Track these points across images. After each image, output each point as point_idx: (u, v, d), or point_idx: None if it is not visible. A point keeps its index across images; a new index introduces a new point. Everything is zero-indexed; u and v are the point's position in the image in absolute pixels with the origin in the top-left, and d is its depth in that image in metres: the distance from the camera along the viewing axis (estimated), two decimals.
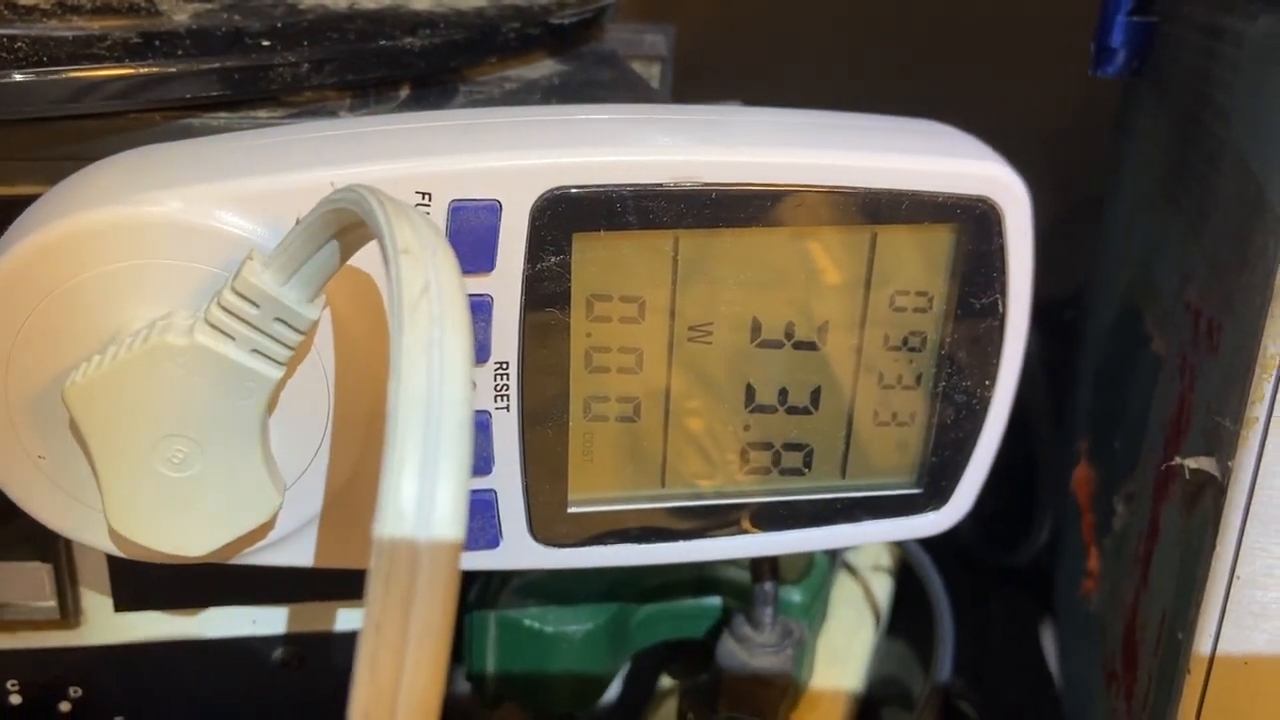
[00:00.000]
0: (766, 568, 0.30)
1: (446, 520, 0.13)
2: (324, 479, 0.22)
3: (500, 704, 0.34)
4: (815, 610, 0.34)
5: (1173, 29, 0.31)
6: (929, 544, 0.37)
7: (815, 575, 0.34)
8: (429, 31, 0.27)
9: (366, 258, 0.19)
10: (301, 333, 0.19)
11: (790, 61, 0.50)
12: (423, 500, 0.13)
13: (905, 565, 0.40)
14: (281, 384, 0.20)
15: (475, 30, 0.28)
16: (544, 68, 0.31)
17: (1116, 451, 0.33)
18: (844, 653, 0.36)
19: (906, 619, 0.39)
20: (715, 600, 0.34)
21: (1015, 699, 0.38)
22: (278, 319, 0.19)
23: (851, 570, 0.40)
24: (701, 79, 0.46)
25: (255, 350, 0.19)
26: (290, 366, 0.20)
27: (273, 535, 0.22)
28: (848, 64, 0.51)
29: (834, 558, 0.38)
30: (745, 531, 0.25)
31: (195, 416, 0.20)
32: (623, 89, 0.31)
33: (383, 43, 0.26)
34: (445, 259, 0.15)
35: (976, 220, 0.23)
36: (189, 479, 0.20)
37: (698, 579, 0.34)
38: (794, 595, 0.33)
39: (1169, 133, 0.31)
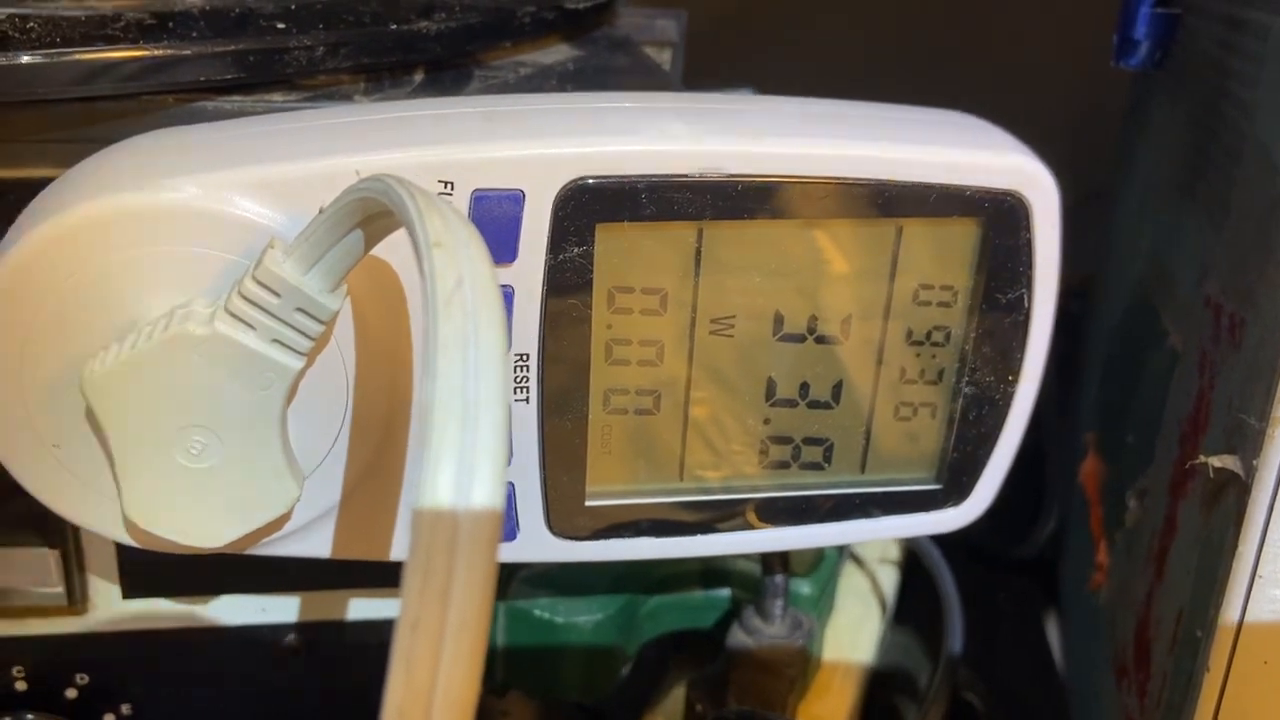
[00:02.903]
0: (777, 560, 0.30)
1: (485, 519, 0.13)
2: (342, 470, 0.22)
3: (508, 692, 0.34)
4: (824, 602, 0.34)
5: (1192, 21, 0.31)
6: (936, 536, 0.37)
7: (824, 567, 0.34)
8: (444, 15, 0.27)
9: (384, 247, 0.19)
10: (323, 323, 0.19)
11: (802, 49, 0.50)
12: (461, 499, 0.13)
13: (913, 557, 0.40)
14: (301, 374, 0.20)
15: (490, 14, 0.28)
16: (558, 53, 0.31)
17: (1129, 446, 0.33)
18: (852, 644, 0.36)
19: (914, 610, 0.39)
20: (724, 592, 0.34)
21: (1022, 690, 0.38)
22: (299, 309, 0.19)
23: (859, 562, 0.40)
24: (712, 65, 0.46)
25: (276, 340, 0.19)
26: (310, 357, 0.20)
27: (289, 526, 0.22)
28: (859, 53, 0.50)
29: (843, 550, 0.38)
30: (761, 526, 0.25)
31: (214, 407, 0.19)
32: (638, 75, 0.31)
33: (397, 26, 0.26)
34: (478, 252, 0.15)
35: (1004, 214, 0.22)
36: (207, 470, 0.20)
37: (707, 570, 0.34)
38: (804, 587, 0.33)
39: (1187, 125, 0.31)
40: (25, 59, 0.22)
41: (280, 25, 0.25)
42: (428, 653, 0.13)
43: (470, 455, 0.13)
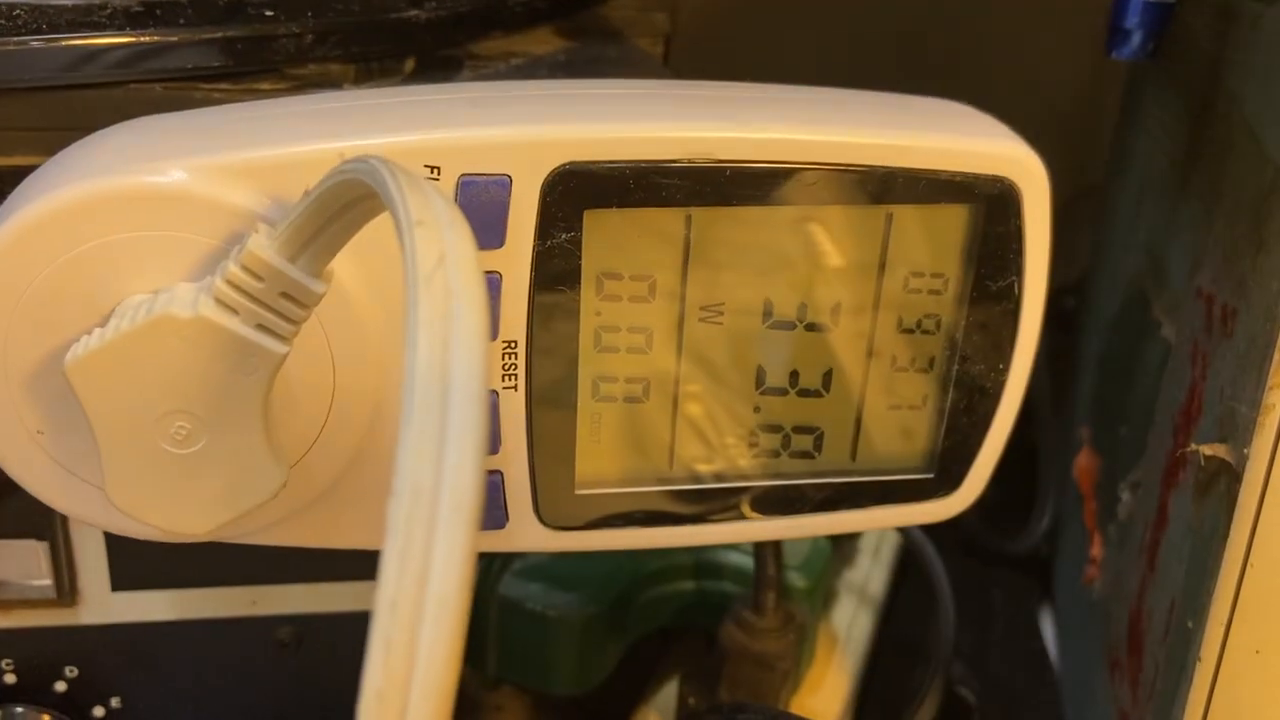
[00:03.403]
0: (770, 552, 0.30)
1: (463, 496, 0.13)
2: (329, 457, 0.22)
3: (500, 686, 0.34)
4: (817, 595, 0.34)
5: (1184, 11, 0.31)
6: (930, 529, 0.37)
7: (818, 560, 0.34)
8: (434, 4, 0.27)
9: (372, 232, 0.19)
10: (308, 308, 0.19)
11: (794, 42, 0.50)
12: (439, 476, 0.13)
13: (907, 551, 0.40)
14: (285, 359, 0.20)
15: (481, 3, 0.28)
16: (550, 43, 0.31)
17: (1122, 439, 0.33)
18: (845, 638, 0.36)
19: (907, 604, 0.39)
20: (717, 584, 0.34)
21: (1015, 685, 0.38)
22: (284, 293, 0.19)
23: (853, 555, 0.40)
24: (704, 57, 0.45)
25: (260, 325, 0.19)
26: (295, 342, 0.20)
27: (275, 514, 0.22)
28: (852, 45, 0.50)
29: (836, 543, 0.38)
30: (752, 516, 0.25)
31: (199, 392, 0.19)
32: (629, 65, 0.31)
33: (387, 15, 0.26)
34: (460, 230, 0.15)
35: (994, 200, 0.22)
36: (191, 456, 0.20)
37: (700, 563, 0.34)
38: (797, 580, 0.33)
39: (1180, 116, 0.31)
40: (13, 46, 0.22)
41: (269, 13, 0.25)
42: (406, 634, 0.13)
43: (449, 432, 0.13)
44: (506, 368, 0.22)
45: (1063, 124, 0.48)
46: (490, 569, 0.33)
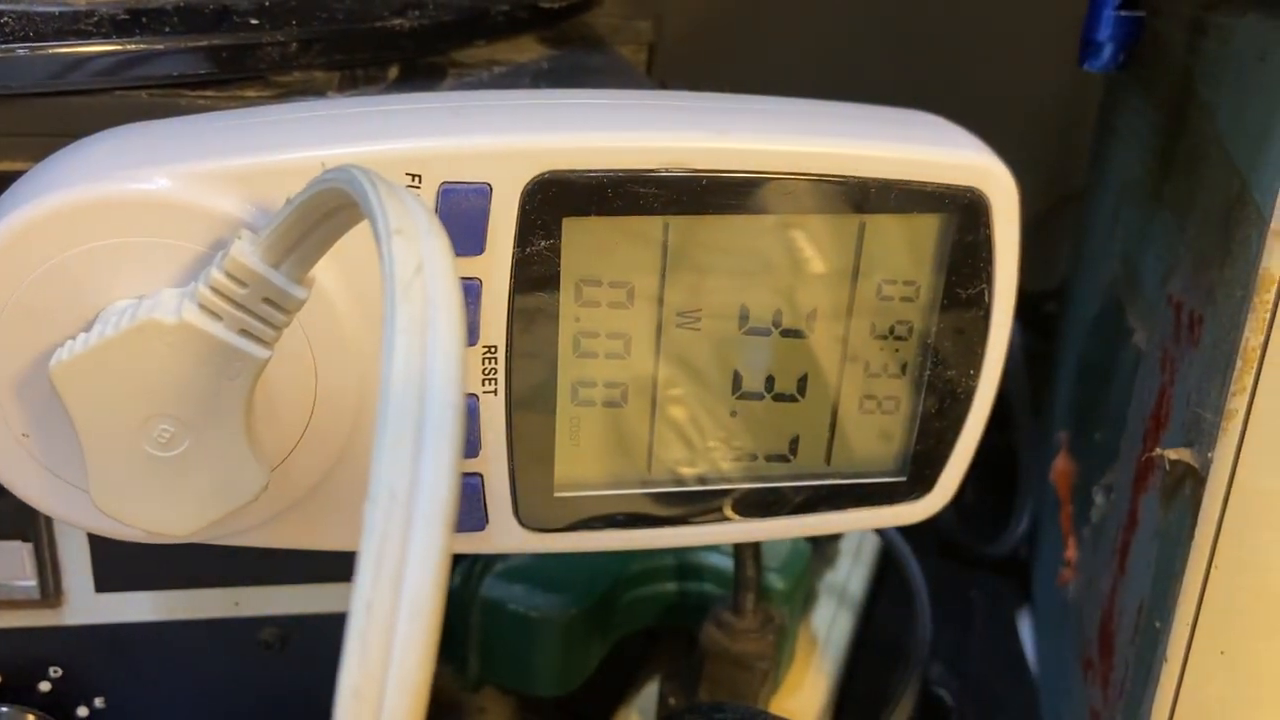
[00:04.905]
0: (749, 554, 0.30)
1: (438, 500, 0.13)
2: (311, 460, 0.22)
3: (482, 687, 0.34)
4: (796, 597, 0.35)
5: (1158, 24, 0.31)
6: (909, 532, 0.37)
7: (797, 562, 0.34)
8: (418, 13, 0.27)
9: (352, 239, 0.19)
10: (290, 313, 0.19)
11: (776, 51, 0.50)
12: (414, 480, 0.13)
13: (885, 553, 0.40)
14: (267, 364, 0.20)
15: (464, 12, 0.28)
16: (533, 52, 0.31)
17: (1096, 443, 0.33)
18: (824, 639, 0.37)
19: (886, 607, 0.40)
20: (698, 586, 0.34)
21: (993, 686, 0.38)
22: (266, 299, 0.19)
23: (832, 557, 0.40)
24: (687, 67, 0.46)
25: (243, 330, 0.19)
26: (276, 347, 0.20)
27: (258, 516, 0.22)
28: (833, 56, 0.51)
29: (818, 544, 0.39)
30: (730, 518, 0.25)
31: (182, 396, 0.19)
32: (612, 74, 0.31)
33: (371, 23, 0.26)
34: (438, 239, 0.15)
35: (964, 210, 0.23)
36: (175, 459, 0.20)
37: (681, 565, 0.34)
38: (776, 582, 0.33)
39: (1153, 127, 0.32)
40: None
41: (254, 21, 0.25)
42: (381, 634, 0.13)
43: (424, 437, 0.13)
44: (486, 372, 0.22)
45: (1044, 133, 0.49)
46: (472, 571, 0.33)
